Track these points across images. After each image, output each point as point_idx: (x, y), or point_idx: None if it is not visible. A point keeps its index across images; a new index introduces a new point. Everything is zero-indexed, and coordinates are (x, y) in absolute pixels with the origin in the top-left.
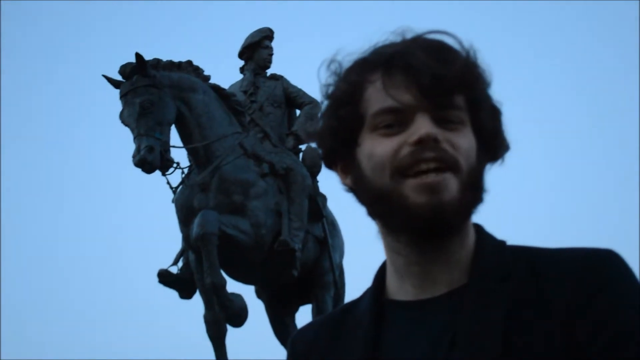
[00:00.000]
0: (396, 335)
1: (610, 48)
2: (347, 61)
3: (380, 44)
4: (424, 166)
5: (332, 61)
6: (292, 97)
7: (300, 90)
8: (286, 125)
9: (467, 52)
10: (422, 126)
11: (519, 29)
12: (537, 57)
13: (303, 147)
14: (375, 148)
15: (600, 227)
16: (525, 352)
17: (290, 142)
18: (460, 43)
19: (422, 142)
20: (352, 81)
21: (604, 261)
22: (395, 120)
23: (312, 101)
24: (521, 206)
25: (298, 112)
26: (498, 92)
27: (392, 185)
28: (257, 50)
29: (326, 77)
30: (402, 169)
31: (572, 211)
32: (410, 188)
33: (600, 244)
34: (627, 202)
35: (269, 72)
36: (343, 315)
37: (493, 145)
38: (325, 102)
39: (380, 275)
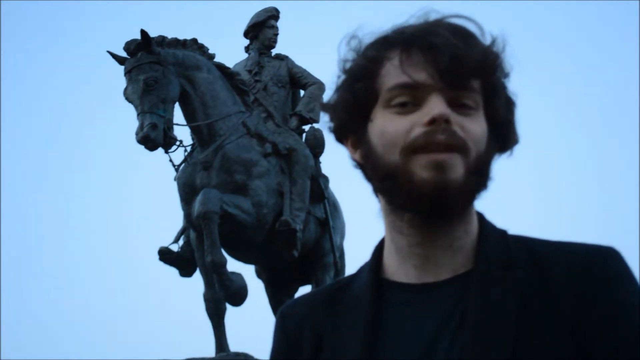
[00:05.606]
0: (398, 316)
1: (610, 48)
2: (367, 38)
3: (402, 24)
4: (432, 147)
5: (352, 37)
6: (296, 78)
7: (304, 70)
8: (290, 106)
9: (491, 39)
10: (436, 106)
11: (519, 28)
12: (535, 55)
13: (306, 127)
14: (388, 126)
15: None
16: (535, 339)
17: (293, 122)
18: (481, 29)
19: (435, 122)
20: (370, 57)
21: (608, 258)
22: (410, 99)
23: (317, 82)
24: (525, 199)
25: (302, 92)
26: (515, 85)
27: (401, 162)
28: (262, 29)
29: (345, 53)
30: (413, 148)
31: (574, 206)
32: (418, 165)
33: (601, 238)
34: (628, 198)
35: (274, 51)
36: (339, 292)
37: (504, 135)
38: (342, 76)
39: (378, 253)
